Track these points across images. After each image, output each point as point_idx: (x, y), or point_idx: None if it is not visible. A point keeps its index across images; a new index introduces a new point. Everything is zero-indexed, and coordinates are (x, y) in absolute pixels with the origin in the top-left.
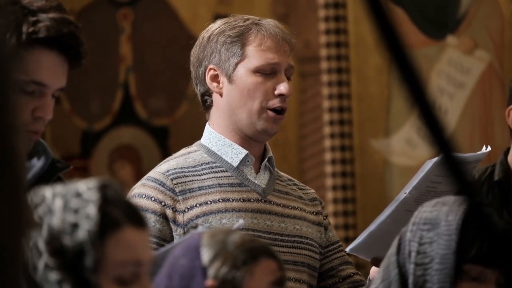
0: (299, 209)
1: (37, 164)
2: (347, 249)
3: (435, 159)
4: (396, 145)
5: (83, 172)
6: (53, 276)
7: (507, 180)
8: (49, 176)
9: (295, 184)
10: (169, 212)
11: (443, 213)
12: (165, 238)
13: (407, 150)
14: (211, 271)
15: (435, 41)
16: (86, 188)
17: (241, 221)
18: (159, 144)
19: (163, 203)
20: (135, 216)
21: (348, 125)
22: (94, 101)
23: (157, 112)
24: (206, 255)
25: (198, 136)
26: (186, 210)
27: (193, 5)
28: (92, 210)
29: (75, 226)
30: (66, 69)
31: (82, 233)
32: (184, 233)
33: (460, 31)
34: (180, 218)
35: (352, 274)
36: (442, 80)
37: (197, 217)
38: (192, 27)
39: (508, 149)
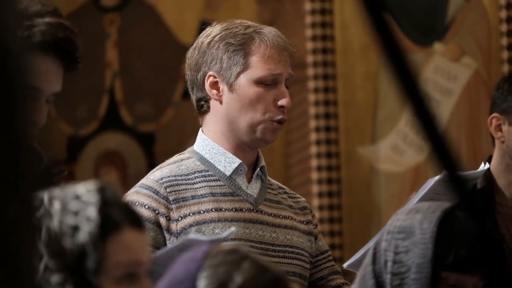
0: (290, 218)
1: None
2: (344, 265)
3: (437, 177)
4: (383, 152)
5: (69, 178)
6: (55, 278)
7: (489, 189)
8: (43, 181)
9: (285, 193)
10: (162, 221)
11: (417, 221)
12: (158, 246)
13: (393, 156)
14: None
15: (422, 47)
16: (85, 191)
17: (232, 228)
18: (145, 150)
19: (156, 211)
20: (134, 218)
21: (334, 132)
22: (80, 107)
23: (143, 118)
24: None
25: (184, 142)
26: (180, 218)
27: (180, 11)
28: (92, 212)
29: (75, 228)
30: (61, 73)
31: (83, 235)
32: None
33: (447, 38)
34: (174, 226)
35: (341, 284)
36: (429, 87)
37: (190, 226)
38: (178, 33)
39: (491, 157)
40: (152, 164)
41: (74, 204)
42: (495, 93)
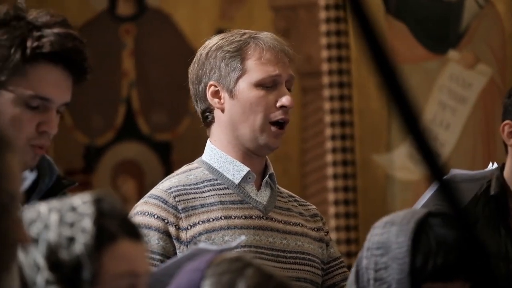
0: (300, 225)
1: (29, 176)
2: None
3: (460, 171)
4: (398, 160)
5: (86, 188)
6: None
7: (503, 195)
8: (55, 193)
9: (295, 200)
10: (172, 230)
11: (393, 234)
12: (169, 255)
13: (409, 164)
14: None
15: (436, 55)
16: (81, 202)
17: (242, 237)
18: (161, 159)
19: (166, 221)
20: (130, 229)
21: (350, 140)
22: (97, 116)
23: (160, 127)
24: None
25: (201, 151)
26: (189, 227)
27: (195, 20)
28: (87, 223)
29: (71, 240)
30: (70, 84)
31: (78, 247)
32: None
33: (462, 46)
34: (183, 235)
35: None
36: (444, 95)
37: (200, 234)
38: (194, 42)
39: (504, 164)
40: (168, 173)
41: (70, 215)
42: (507, 100)
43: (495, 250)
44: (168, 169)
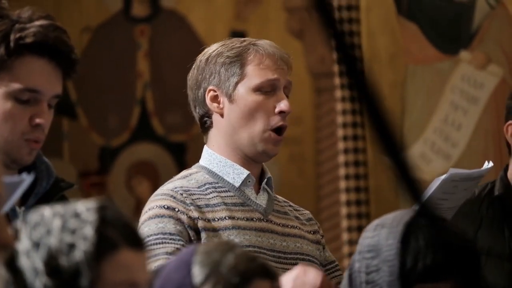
0: (297, 228)
1: (27, 179)
2: None
3: (443, 176)
4: (410, 160)
5: (101, 188)
6: None
7: (507, 196)
8: (52, 195)
9: (290, 206)
10: (183, 217)
11: (383, 237)
12: (186, 239)
13: (420, 164)
14: None
15: (448, 56)
16: (85, 209)
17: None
18: (176, 160)
19: (176, 209)
20: (132, 238)
21: (361, 141)
22: (112, 117)
23: (175, 128)
24: (197, 274)
25: None
26: (199, 217)
27: (210, 21)
28: (89, 231)
29: (71, 246)
30: (59, 75)
31: (78, 254)
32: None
33: (473, 46)
34: (194, 223)
35: None
36: (456, 95)
37: (206, 230)
38: (209, 43)
39: (508, 165)
40: None
41: (73, 222)
42: (510, 101)
43: (499, 250)
44: (183, 170)
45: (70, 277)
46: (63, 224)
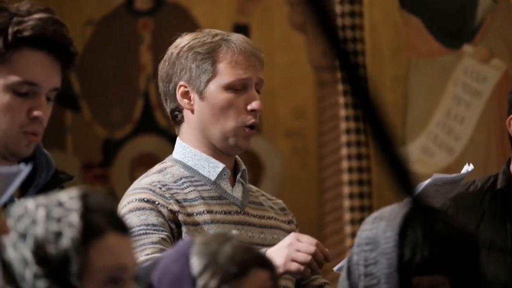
0: (273, 218)
1: (25, 169)
2: (334, 269)
3: (426, 181)
4: (413, 154)
5: (104, 181)
6: (41, 284)
7: (510, 189)
8: (52, 187)
9: (263, 195)
10: (163, 210)
11: (381, 229)
12: (169, 231)
13: (423, 158)
14: (200, 283)
15: (451, 50)
16: (68, 198)
17: (234, 231)
18: None
19: (156, 202)
20: (117, 223)
21: (364, 134)
22: (115, 110)
23: None
24: (196, 265)
25: None
26: (180, 210)
27: (213, 14)
28: (74, 218)
29: (58, 234)
30: (58, 68)
31: (66, 241)
32: (179, 232)
33: (476, 40)
34: (175, 216)
35: (323, 284)
36: (459, 89)
37: (186, 224)
38: None
39: (510, 159)
40: None
41: (57, 210)
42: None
43: (502, 244)
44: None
45: (59, 264)
46: (48, 214)
